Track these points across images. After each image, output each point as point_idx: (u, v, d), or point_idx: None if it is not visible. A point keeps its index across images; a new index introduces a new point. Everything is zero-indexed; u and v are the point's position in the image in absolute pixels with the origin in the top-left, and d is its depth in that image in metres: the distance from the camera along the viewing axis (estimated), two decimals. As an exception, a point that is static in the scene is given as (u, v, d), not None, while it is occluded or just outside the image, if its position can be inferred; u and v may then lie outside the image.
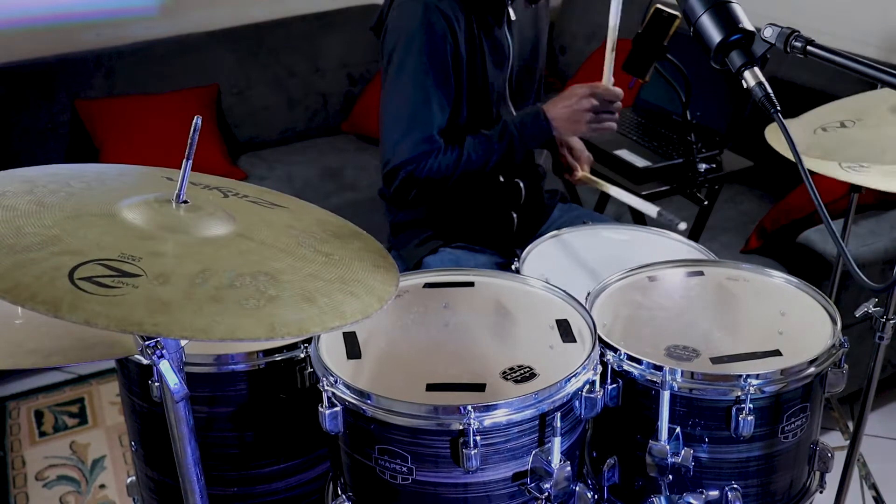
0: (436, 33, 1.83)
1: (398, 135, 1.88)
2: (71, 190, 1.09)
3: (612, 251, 1.75)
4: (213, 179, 1.27)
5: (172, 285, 0.94)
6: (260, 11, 3.57)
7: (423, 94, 1.85)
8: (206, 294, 0.94)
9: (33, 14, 3.22)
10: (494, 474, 1.18)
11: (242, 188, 1.28)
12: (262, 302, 0.96)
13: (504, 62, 1.97)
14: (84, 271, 0.91)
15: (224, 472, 1.41)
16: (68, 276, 0.90)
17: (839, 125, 1.53)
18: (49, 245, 0.94)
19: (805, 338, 1.34)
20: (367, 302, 1.06)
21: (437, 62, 1.85)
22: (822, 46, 1.11)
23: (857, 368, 1.50)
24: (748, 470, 1.31)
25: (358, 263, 1.13)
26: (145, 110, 3.23)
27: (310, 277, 1.05)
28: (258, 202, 1.23)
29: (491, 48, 1.93)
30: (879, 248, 2.37)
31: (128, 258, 0.96)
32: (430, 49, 1.84)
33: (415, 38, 1.84)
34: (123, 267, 0.94)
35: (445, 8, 1.83)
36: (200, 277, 0.96)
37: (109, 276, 0.92)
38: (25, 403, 2.85)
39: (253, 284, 0.99)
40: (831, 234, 1.09)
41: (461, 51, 1.87)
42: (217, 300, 0.94)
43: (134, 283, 0.92)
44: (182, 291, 0.93)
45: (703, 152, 2.45)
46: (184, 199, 1.09)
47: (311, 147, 3.55)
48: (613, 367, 1.30)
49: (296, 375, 1.37)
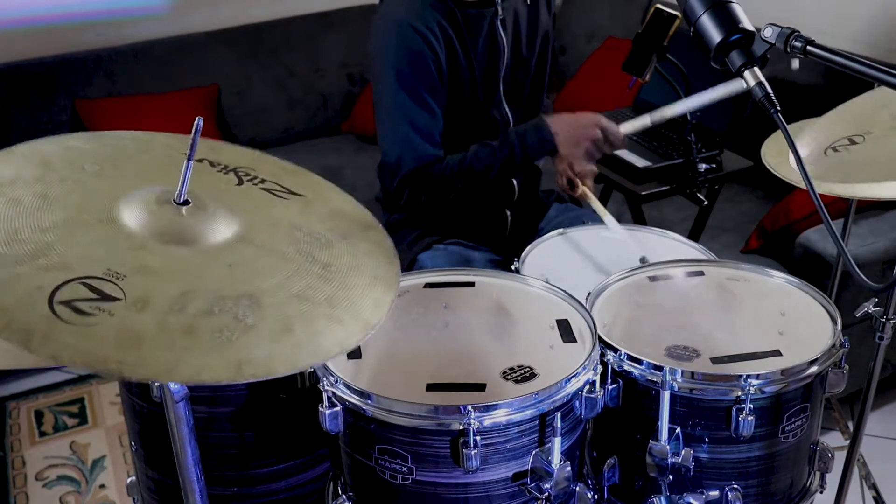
0: (412, 49, 1.83)
1: (400, 147, 1.89)
2: (81, 177, 1.09)
3: (613, 251, 1.75)
4: (236, 156, 1.26)
5: (149, 312, 0.94)
6: (260, 11, 3.57)
7: (413, 104, 1.86)
8: (182, 323, 0.94)
9: (33, 14, 3.22)
10: (494, 474, 1.18)
11: (262, 167, 1.26)
12: (237, 334, 0.96)
13: (497, 63, 1.96)
14: (65, 293, 0.92)
15: (224, 472, 1.41)
16: (48, 300, 0.91)
17: (848, 142, 1.52)
18: (40, 255, 0.95)
19: (805, 338, 1.34)
20: (350, 331, 1.04)
21: (420, 74, 1.85)
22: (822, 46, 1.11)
23: (857, 368, 1.50)
24: (748, 470, 1.31)
25: (355, 278, 1.12)
26: (145, 110, 3.22)
27: (296, 299, 1.04)
28: (272, 190, 1.22)
29: (480, 55, 1.92)
30: (879, 248, 2.37)
31: (112, 276, 0.96)
32: (409, 64, 1.84)
33: (392, 56, 1.85)
34: (105, 287, 0.94)
35: (419, 27, 1.83)
36: (179, 303, 0.96)
37: (89, 300, 0.92)
38: (25, 403, 2.85)
39: (232, 311, 0.98)
40: (831, 234, 1.09)
41: (442, 64, 1.87)
42: (190, 331, 0.94)
43: (111, 311, 0.92)
44: (156, 322, 0.94)
45: (703, 152, 2.45)
46: (185, 199, 1.08)
47: (311, 147, 3.55)
48: (614, 367, 1.30)
49: (296, 375, 1.37)
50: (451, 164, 1.89)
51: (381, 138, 1.94)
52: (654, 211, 2.85)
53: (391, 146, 1.91)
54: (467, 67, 1.91)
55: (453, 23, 1.88)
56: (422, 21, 1.84)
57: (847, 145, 1.52)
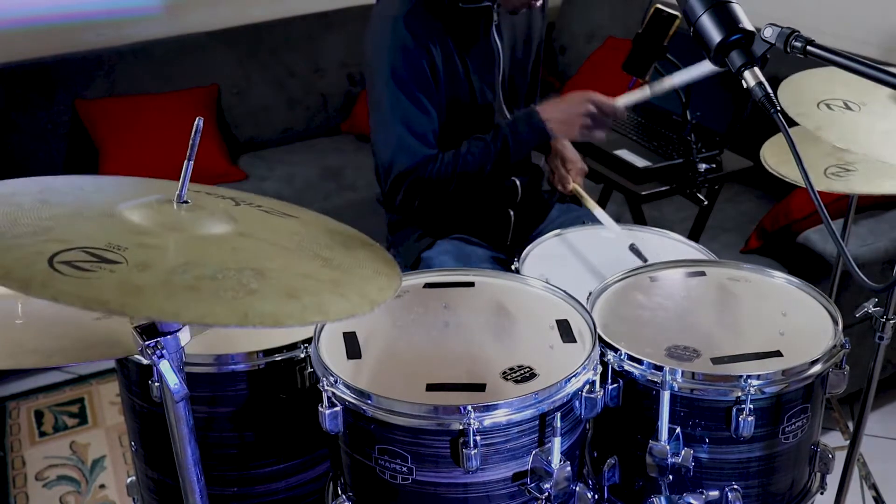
0: (406, 47, 1.83)
1: (393, 147, 1.88)
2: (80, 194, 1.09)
3: (613, 251, 1.75)
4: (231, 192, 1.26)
5: (150, 273, 0.92)
6: (260, 11, 3.57)
7: (408, 103, 1.86)
8: (184, 283, 0.92)
9: (33, 14, 3.22)
10: (494, 474, 1.18)
11: (258, 200, 1.26)
12: (241, 294, 0.93)
13: (493, 69, 1.96)
14: (66, 256, 0.90)
15: (224, 472, 1.41)
16: (48, 261, 0.89)
17: (843, 105, 1.51)
18: (40, 234, 0.94)
19: (806, 338, 1.34)
20: (356, 303, 1.02)
21: (414, 72, 1.85)
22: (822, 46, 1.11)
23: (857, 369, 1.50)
24: (749, 470, 1.30)
25: (358, 270, 1.11)
26: (145, 110, 3.22)
27: (301, 276, 1.02)
28: (270, 211, 1.22)
29: (477, 60, 1.92)
30: (879, 248, 2.37)
31: (114, 248, 0.94)
32: (404, 62, 1.84)
33: (388, 54, 1.85)
34: (107, 255, 0.92)
35: (415, 27, 1.83)
36: (182, 269, 0.94)
37: (89, 261, 0.91)
38: (25, 403, 2.85)
39: (236, 278, 0.95)
40: (831, 234, 1.09)
41: (438, 67, 1.87)
42: (193, 289, 0.91)
43: (111, 269, 0.90)
44: (159, 279, 0.91)
45: (703, 152, 2.45)
46: (185, 199, 1.09)
47: (311, 147, 3.55)
48: (614, 368, 1.30)
49: (296, 375, 1.37)
50: (446, 160, 1.88)
51: (374, 138, 1.94)
52: (654, 211, 2.85)
53: (384, 146, 1.90)
54: (463, 70, 1.91)
55: (448, 24, 1.88)
56: (416, 19, 1.84)
57: (842, 108, 1.51)
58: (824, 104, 1.51)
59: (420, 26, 1.84)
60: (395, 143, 1.88)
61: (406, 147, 1.87)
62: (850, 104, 1.52)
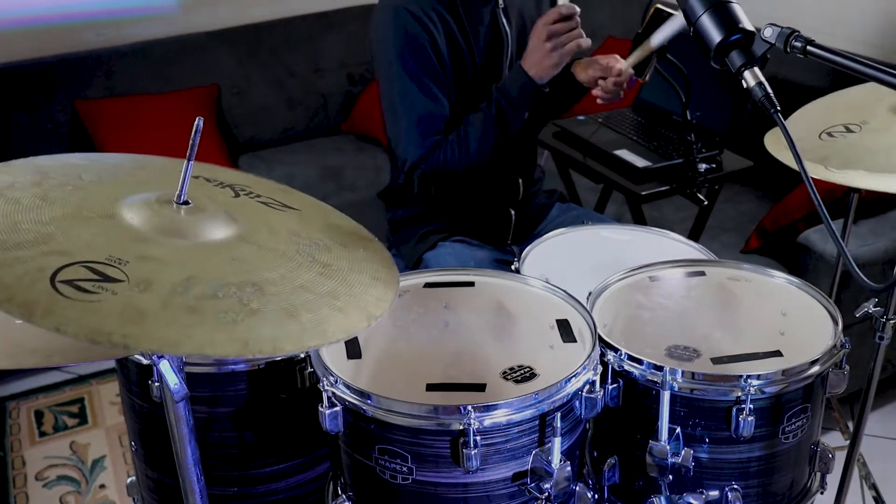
0: (410, 34, 1.83)
1: (406, 136, 1.89)
2: (79, 184, 1.09)
3: (613, 251, 1.75)
4: (229, 176, 1.27)
5: (152, 293, 0.94)
6: (260, 11, 3.57)
7: (416, 91, 1.86)
8: (185, 304, 0.94)
9: (33, 14, 3.22)
10: (494, 474, 1.18)
11: (257, 186, 1.27)
12: (241, 316, 0.96)
13: (502, 51, 1.96)
14: (67, 273, 0.92)
15: (224, 472, 1.41)
16: (50, 279, 0.90)
17: (844, 130, 1.52)
18: (40, 243, 0.95)
19: (806, 338, 1.34)
20: (353, 319, 1.05)
21: (420, 59, 1.85)
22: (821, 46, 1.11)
23: (857, 368, 1.50)
24: (748, 470, 1.30)
25: (356, 276, 1.12)
26: (145, 110, 3.22)
27: (299, 290, 1.04)
28: (269, 203, 1.22)
29: (484, 44, 1.92)
30: (879, 248, 2.37)
31: (115, 261, 0.96)
32: (409, 49, 1.84)
33: (392, 42, 1.85)
34: (108, 271, 0.94)
35: (417, 11, 1.83)
36: (183, 286, 0.96)
37: (91, 279, 0.92)
38: (25, 403, 2.85)
39: (236, 296, 0.98)
40: (831, 234, 1.09)
41: (442, 52, 1.87)
42: (195, 311, 0.94)
43: (114, 290, 0.92)
44: (160, 300, 0.93)
45: (703, 152, 2.45)
46: (185, 199, 1.09)
47: (311, 147, 3.55)
48: (614, 367, 1.30)
49: (296, 375, 1.37)
50: (451, 141, 1.89)
51: (387, 129, 1.95)
52: (654, 211, 2.85)
53: (395, 140, 1.92)
54: (469, 57, 1.91)
55: (453, 10, 1.88)
56: (419, 6, 1.84)
57: (843, 132, 1.52)
58: (825, 133, 1.52)
59: (422, 12, 1.84)
60: (404, 137, 1.89)
61: (413, 139, 1.88)
62: (850, 127, 1.52)
